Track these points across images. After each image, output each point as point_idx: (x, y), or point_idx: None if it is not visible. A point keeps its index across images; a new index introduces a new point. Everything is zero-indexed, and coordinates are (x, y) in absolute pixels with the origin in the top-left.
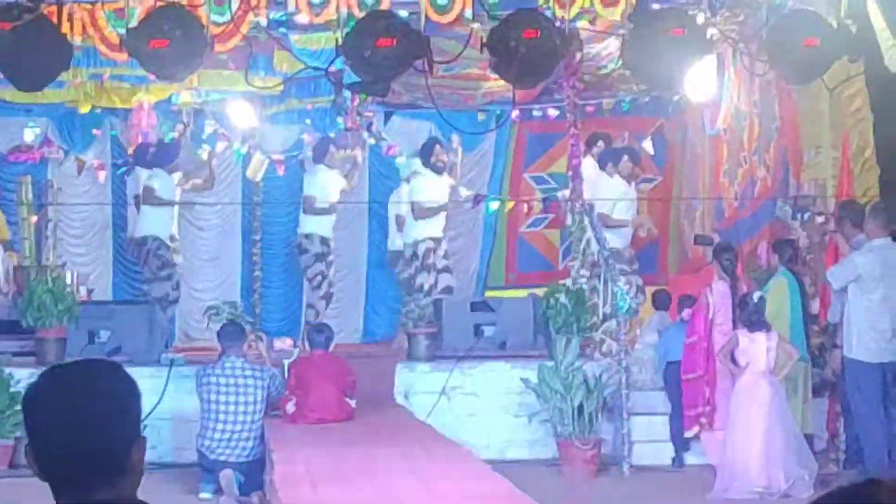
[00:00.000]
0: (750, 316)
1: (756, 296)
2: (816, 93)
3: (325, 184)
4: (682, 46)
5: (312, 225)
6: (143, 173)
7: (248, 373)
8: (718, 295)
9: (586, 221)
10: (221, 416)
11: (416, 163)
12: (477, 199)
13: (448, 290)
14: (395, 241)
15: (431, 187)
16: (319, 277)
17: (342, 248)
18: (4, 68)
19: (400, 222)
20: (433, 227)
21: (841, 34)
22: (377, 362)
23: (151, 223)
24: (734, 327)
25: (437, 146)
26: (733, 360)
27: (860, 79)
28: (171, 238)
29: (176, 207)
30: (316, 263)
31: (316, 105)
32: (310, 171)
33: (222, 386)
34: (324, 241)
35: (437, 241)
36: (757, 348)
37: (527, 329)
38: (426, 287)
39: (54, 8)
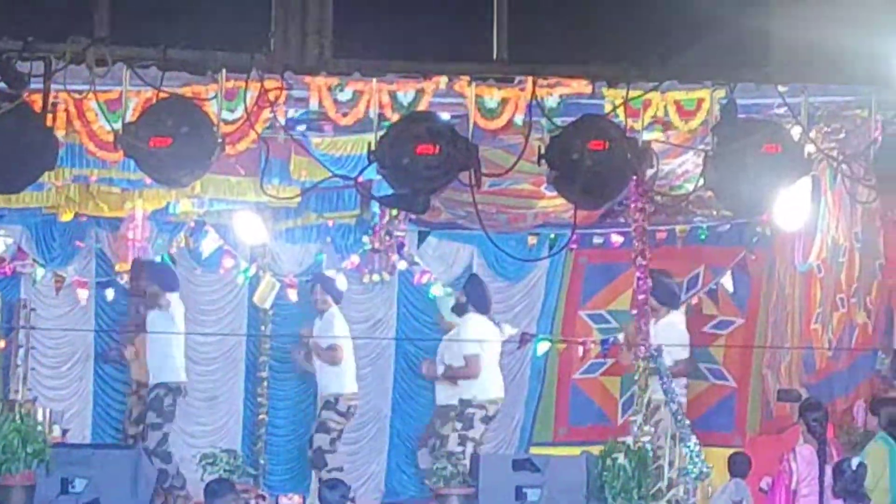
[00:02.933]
0: (847, 485)
1: (855, 462)
2: None
3: (341, 330)
4: (776, 165)
5: (337, 383)
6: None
7: None
8: (803, 461)
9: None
10: None
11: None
12: (524, 339)
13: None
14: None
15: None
16: (337, 433)
17: (363, 391)
18: None
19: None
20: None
21: None
22: None
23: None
24: (821, 500)
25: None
26: None
27: None
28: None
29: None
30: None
31: (338, 221)
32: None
33: None
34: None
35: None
36: None
37: (578, 494)
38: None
39: (38, 96)
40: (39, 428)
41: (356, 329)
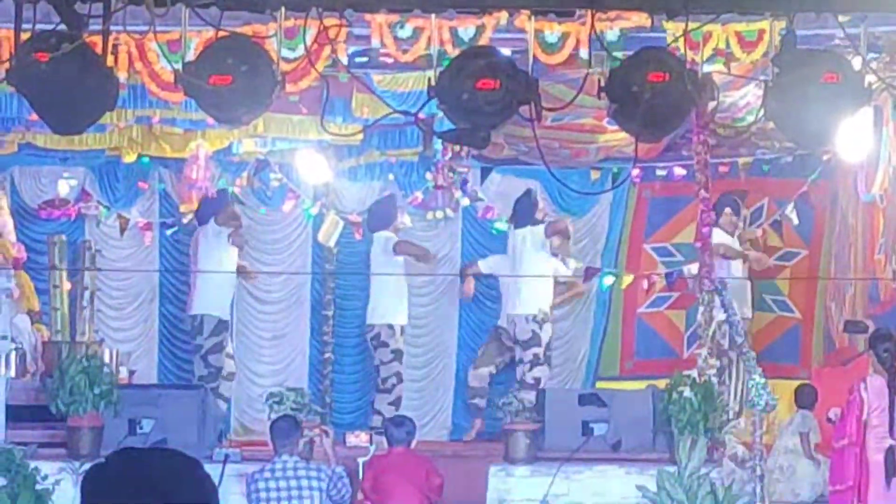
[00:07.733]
0: None
1: None
2: None
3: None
4: (836, 96)
5: (384, 309)
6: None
7: (303, 473)
8: (874, 391)
9: (717, 301)
10: None
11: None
12: (588, 273)
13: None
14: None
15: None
16: (394, 380)
17: (428, 328)
18: (38, 107)
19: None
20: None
21: None
22: (467, 463)
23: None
24: (891, 430)
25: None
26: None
27: None
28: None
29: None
30: (393, 362)
31: (401, 158)
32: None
33: (272, 491)
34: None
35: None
36: None
37: (645, 427)
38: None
39: (98, 38)
40: (106, 369)
41: (422, 266)
